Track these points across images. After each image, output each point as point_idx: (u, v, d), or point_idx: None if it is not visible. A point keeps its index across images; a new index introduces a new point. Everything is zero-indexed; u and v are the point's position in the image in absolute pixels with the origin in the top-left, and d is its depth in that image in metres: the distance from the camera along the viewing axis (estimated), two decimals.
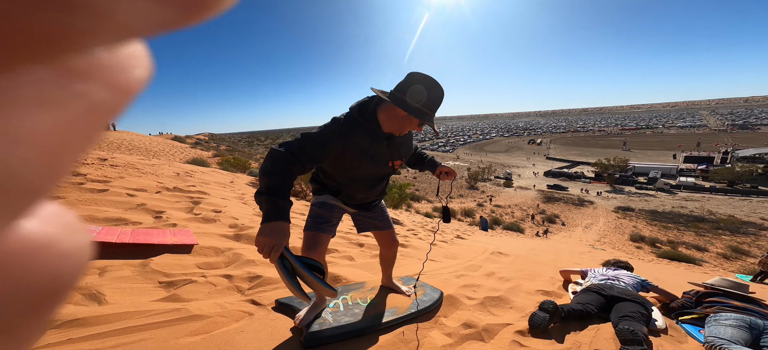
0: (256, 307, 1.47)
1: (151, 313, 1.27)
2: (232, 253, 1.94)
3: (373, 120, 1.06)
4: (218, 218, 2.62)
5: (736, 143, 61.67)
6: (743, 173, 36.06)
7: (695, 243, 16.92)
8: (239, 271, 1.75)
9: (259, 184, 0.90)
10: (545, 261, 3.56)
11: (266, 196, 0.87)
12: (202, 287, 1.55)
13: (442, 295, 1.66)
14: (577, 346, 1.35)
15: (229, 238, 2.26)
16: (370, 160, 1.10)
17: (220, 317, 1.34)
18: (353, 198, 1.25)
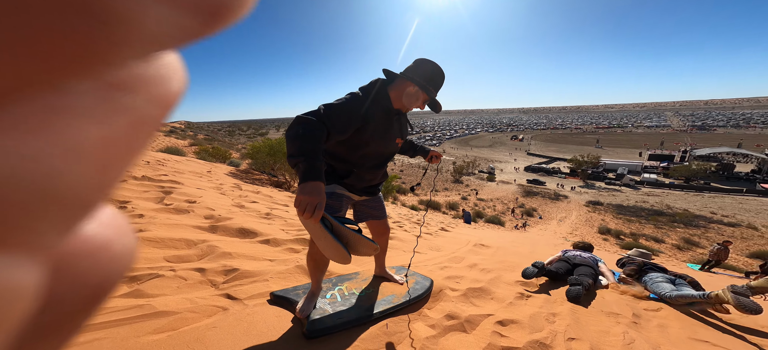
0: (232, 302, 1.40)
1: (109, 310, 1.17)
2: (207, 246, 1.82)
3: (386, 96, 1.15)
4: (192, 209, 2.46)
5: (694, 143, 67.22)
6: (698, 171, 39.44)
7: (654, 235, 18.40)
8: (213, 264, 1.64)
9: (289, 149, 0.90)
10: (524, 252, 3.70)
11: (303, 158, 0.87)
12: (170, 281, 1.44)
13: (433, 283, 1.71)
14: (553, 335, 1.39)
15: (204, 230, 2.13)
16: (384, 135, 1.17)
17: (190, 313, 1.25)
18: (362, 180, 1.25)
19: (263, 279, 1.63)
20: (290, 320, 1.32)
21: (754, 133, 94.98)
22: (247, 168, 8.28)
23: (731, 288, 1.78)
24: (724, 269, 8.95)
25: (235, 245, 1.94)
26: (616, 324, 1.59)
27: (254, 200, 3.59)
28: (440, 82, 1.16)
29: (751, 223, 22.30)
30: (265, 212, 3.00)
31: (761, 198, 31.73)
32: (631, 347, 1.34)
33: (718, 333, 1.70)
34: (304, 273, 1.79)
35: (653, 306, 2.00)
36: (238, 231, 2.18)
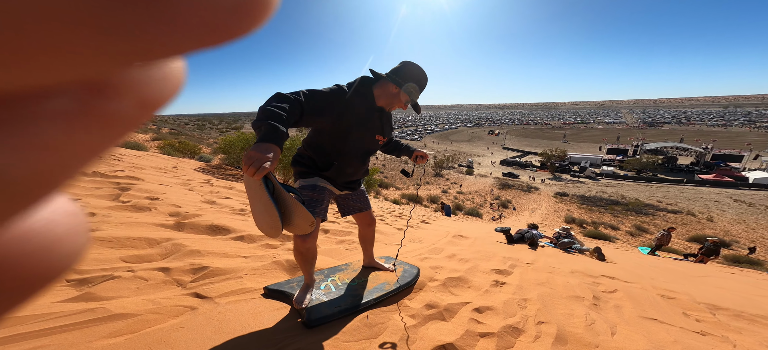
0: (201, 301, 1.31)
1: (55, 316, 1.04)
2: (171, 244, 1.69)
3: (370, 93, 1.20)
4: (154, 206, 2.26)
5: (644, 138, 74.34)
6: (648, 163, 43.77)
7: (611, 223, 20.21)
8: (179, 263, 1.53)
9: (258, 116, 0.89)
10: (498, 241, 3.87)
11: (265, 122, 0.86)
12: (128, 283, 1.32)
13: (419, 271, 1.78)
14: (525, 320, 1.46)
15: (168, 228, 1.97)
16: (365, 129, 1.20)
17: (152, 314, 1.16)
18: (343, 174, 1.28)
19: (237, 277, 1.54)
20: (268, 315, 1.26)
21: (694, 129, 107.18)
22: (219, 163, 7.80)
23: (597, 249, 4.04)
24: (668, 252, 10.07)
25: (205, 243, 1.81)
26: (579, 306, 1.71)
27: (227, 196, 3.39)
28: (423, 84, 1.20)
29: (690, 210, 25.28)
30: (240, 208, 2.84)
31: (699, 187, 36.01)
32: (593, 327, 1.45)
33: (663, 311, 1.90)
34: (281, 268, 1.72)
35: (610, 288, 2.19)
36: (208, 228, 2.04)
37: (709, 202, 28.43)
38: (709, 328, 1.67)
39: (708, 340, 1.48)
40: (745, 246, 15.83)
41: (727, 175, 38.57)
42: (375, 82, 1.21)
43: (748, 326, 1.79)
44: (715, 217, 23.45)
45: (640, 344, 1.31)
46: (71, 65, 0.08)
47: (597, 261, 3.67)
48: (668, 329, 1.55)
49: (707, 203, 28.07)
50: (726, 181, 36.93)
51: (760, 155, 54.73)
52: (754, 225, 21.76)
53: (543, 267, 2.61)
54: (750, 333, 1.66)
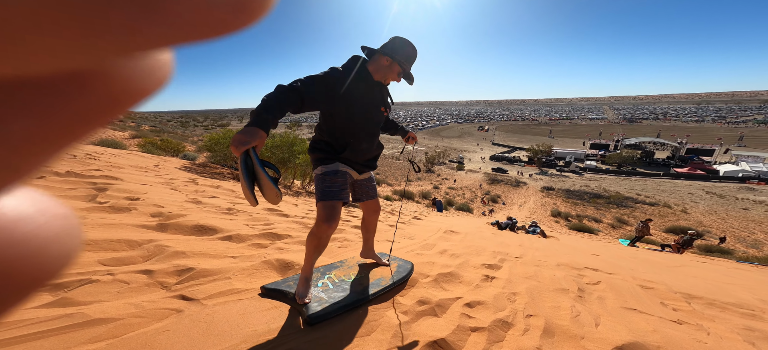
0: (187, 303, 1.27)
1: (28, 322, 0.99)
2: (154, 246, 1.62)
3: (366, 70, 1.26)
4: (134, 206, 2.16)
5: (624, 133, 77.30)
6: (627, 158, 45.62)
7: (594, 216, 21.01)
8: (163, 265, 1.47)
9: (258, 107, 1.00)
10: (488, 236, 3.94)
11: (256, 109, 0.99)
12: (108, 287, 1.26)
13: (413, 266, 1.81)
14: (514, 313, 1.50)
15: (151, 229, 1.89)
16: (369, 104, 1.27)
17: (135, 318, 1.12)
18: (359, 152, 1.33)
19: (225, 278, 1.50)
20: (258, 316, 1.24)
21: (670, 125, 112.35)
22: (204, 161, 7.56)
23: (542, 232, 6.94)
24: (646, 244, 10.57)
25: (190, 243, 1.75)
26: (565, 299, 1.76)
27: (213, 195, 3.29)
28: (412, 55, 1.27)
29: (666, 202, 26.57)
30: (227, 207, 2.77)
31: (674, 180, 37.89)
32: (578, 319, 1.50)
33: (642, 301, 1.98)
34: (271, 268, 1.69)
35: (594, 280, 2.27)
36: (193, 229, 1.98)
37: (684, 194, 29.99)
38: (685, 317, 1.76)
39: (684, 329, 1.56)
40: (717, 236, 16.84)
41: (700, 168, 40.77)
42: (368, 59, 1.28)
43: (720, 314, 1.90)
44: (689, 209, 24.79)
45: (622, 334, 1.36)
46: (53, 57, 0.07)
47: (582, 253, 3.80)
48: (647, 319, 1.63)
49: (682, 195, 29.61)
50: (699, 174, 39.05)
51: (730, 149, 58.10)
52: (724, 215, 23.16)
53: (531, 260, 2.68)
54: (722, 320, 1.76)
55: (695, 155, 49.65)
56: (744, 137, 73.82)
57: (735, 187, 33.66)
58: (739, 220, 21.86)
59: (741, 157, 48.72)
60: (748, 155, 49.89)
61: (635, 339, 1.32)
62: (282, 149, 6.29)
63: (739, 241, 17.20)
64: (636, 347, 1.27)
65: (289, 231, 2.40)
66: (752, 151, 55.36)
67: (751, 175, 36.93)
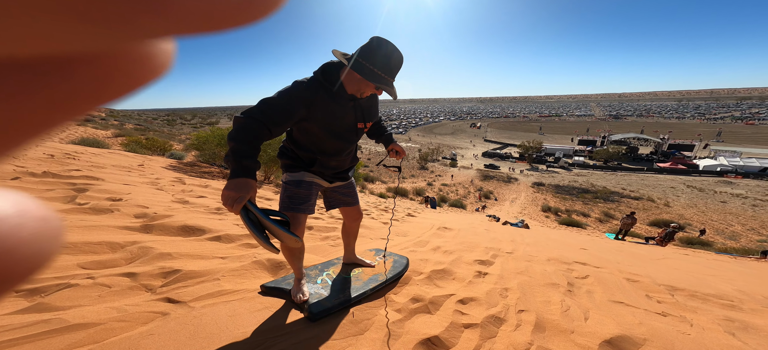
0: (173, 305, 1.23)
1: (2, 329, 0.95)
2: (138, 248, 1.56)
3: (337, 81, 1.06)
4: (116, 207, 2.08)
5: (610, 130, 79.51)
6: (613, 153, 46.98)
7: (582, 210, 21.58)
8: (147, 267, 1.42)
9: (229, 148, 0.93)
10: (481, 232, 3.99)
11: (232, 157, 0.91)
12: (88, 291, 1.21)
13: (408, 261, 1.84)
14: (506, 309, 1.51)
15: (134, 230, 1.82)
16: (339, 122, 1.11)
17: (117, 322, 1.08)
18: (328, 167, 1.23)
19: (213, 279, 1.46)
20: (248, 317, 1.21)
21: (653, 121, 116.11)
22: (192, 160, 7.36)
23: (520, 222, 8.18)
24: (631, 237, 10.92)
25: (177, 245, 1.70)
26: (555, 293, 1.79)
27: (201, 195, 3.20)
28: (393, 68, 1.02)
29: (650, 196, 27.50)
30: (216, 207, 2.70)
31: (657, 175, 39.25)
32: (568, 313, 1.53)
33: (629, 294, 2.04)
34: (262, 268, 1.66)
35: (582, 274, 2.32)
36: (180, 230, 1.91)
37: (666, 188, 31.11)
38: (669, 309, 1.81)
39: (668, 321, 1.61)
40: (697, 228, 17.57)
41: (681, 163, 42.36)
42: (342, 66, 1.07)
43: (702, 305, 1.98)
44: (671, 202, 25.74)
45: (610, 328, 1.39)
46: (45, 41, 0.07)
47: (571, 248, 3.89)
48: (634, 311, 1.67)
49: (664, 189, 30.70)
50: (680, 169, 40.56)
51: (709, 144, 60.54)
52: (704, 208, 24.16)
53: (522, 255, 2.72)
54: (704, 312, 1.82)
55: (677, 150, 51.51)
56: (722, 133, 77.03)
57: (714, 181, 35.15)
58: (717, 213, 22.86)
59: (719, 151, 50.91)
60: (726, 150, 52.18)
61: (623, 332, 1.35)
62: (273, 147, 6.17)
63: (718, 233, 18.00)
64: (623, 340, 1.30)
65: None
66: (729, 146, 57.92)
67: (728, 169, 38.62)
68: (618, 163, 46.07)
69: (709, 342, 1.37)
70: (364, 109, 1.18)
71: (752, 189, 30.59)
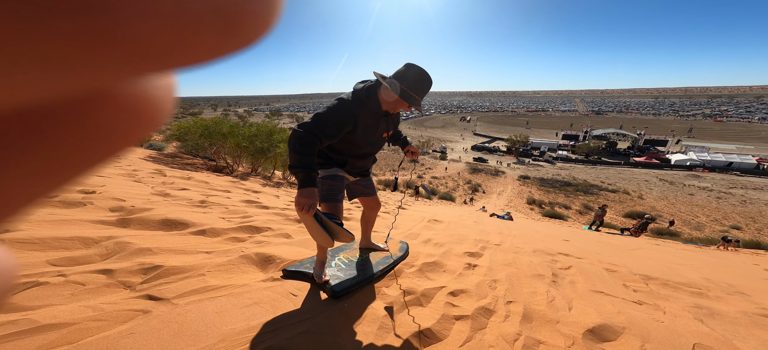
0: (155, 303, 1.18)
1: None
2: (114, 243, 1.47)
3: (376, 100, 1.24)
4: (89, 200, 1.95)
5: (592, 125, 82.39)
6: (594, 148, 48.88)
7: (564, 202, 22.47)
8: (125, 263, 1.34)
9: (291, 160, 1.10)
10: (470, 224, 4.06)
11: (300, 169, 1.07)
12: (59, 289, 1.13)
13: (408, 245, 2.07)
14: (495, 300, 1.54)
15: (110, 225, 1.71)
16: (372, 134, 1.32)
17: (93, 322, 1.02)
18: (356, 167, 1.44)
19: (198, 274, 1.41)
20: (236, 313, 1.17)
21: (631, 117, 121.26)
22: (174, 152, 7.03)
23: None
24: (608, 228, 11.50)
25: (157, 239, 1.62)
26: (541, 284, 1.85)
27: (184, 187, 3.07)
28: (426, 88, 1.21)
29: (626, 189, 28.93)
30: (200, 200, 2.59)
31: (633, 168, 41.26)
32: (553, 304, 1.58)
33: (608, 284, 2.14)
34: (251, 263, 1.62)
35: (565, 265, 2.41)
36: (160, 223, 1.82)
37: (641, 182, 32.82)
38: (644, 297, 1.92)
39: (644, 309, 1.70)
40: (667, 219, 18.73)
41: (655, 158, 44.68)
42: (379, 86, 1.25)
43: (674, 293, 2.10)
44: (645, 195, 27.21)
45: (592, 317, 1.45)
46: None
47: (555, 239, 4.04)
48: (613, 300, 1.76)
49: (639, 183, 32.38)
50: (654, 163, 42.80)
51: (681, 140, 64.06)
52: (674, 200, 25.73)
53: (510, 247, 2.79)
54: (675, 299, 1.94)
55: (651, 145, 54.21)
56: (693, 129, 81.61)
57: (683, 175, 37.39)
58: (685, 205, 24.41)
59: (690, 147, 54.03)
60: (696, 145, 55.47)
61: (603, 321, 1.42)
62: (260, 139, 5.96)
63: (685, 224, 19.27)
64: (604, 329, 1.36)
65: (269, 223, 2.29)
66: (699, 142, 61.57)
67: (697, 164, 41.14)
68: (598, 157, 48.03)
69: (681, 328, 1.46)
70: (389, 121, 1.38)
71: (717, 183, 32.81)
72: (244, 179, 4.83)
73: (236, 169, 5.99)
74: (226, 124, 6.39)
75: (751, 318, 1.74)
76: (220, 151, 6.28)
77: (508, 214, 9.32)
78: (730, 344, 1.36)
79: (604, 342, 1.29)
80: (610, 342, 1.29)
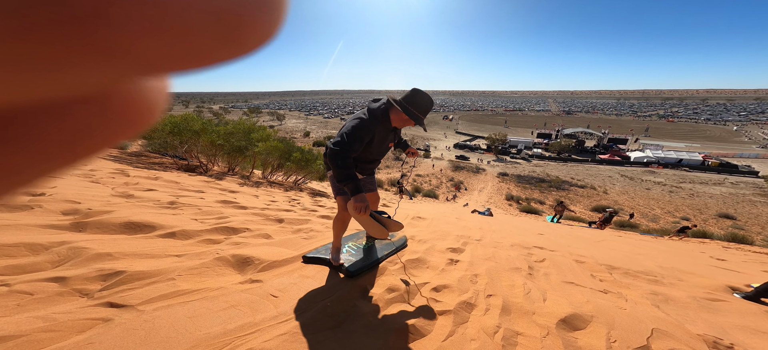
0: (117, 310, 1.09)
1: None
2: (68, 249, 1.33)
3: (388, 118, 1.48)
4: (37, 203, 1.75)
5: (563, 124, 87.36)
6: (565, 146, 51.92)
7: (539, 198, 23.68)
8: (81, 270, 1.22)
9: (338, 175, 1.32)
10: (452, 221, 4.15)
11: (350, 181, 1.31)
12: (3, 299, 1.02)
13: (406, 237, 2.36)
14: (476, 295, 1.59)
15: (62, 229, 1.55)
16: (382, 145, 1.56)
17: (45, 333, 0.92)
18: (365, 170, 1.68)
19: (168, 279, 1.31)
20: (211, 317, 1.10)
21: (597, 117, 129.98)
22: (139, 150, 6.52)
23: None
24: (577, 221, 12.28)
25: (119, 243, 1.49)
26: (518, 277, 1.93)
27: (150, 188, 2.85)
28: (429, 109, 1.46)
29: (592, 185, 31.04)
30: (169, 201, 2.42)
31: (598, 165, 44.36)
32: (529, 296, 1.65)
33: (578, 275, 2.28)
34: (227, 265, 1.55)
35: (540, 258, 2.53)
36: (122, 227, 1.68)
37: (605, 178, 35.36)
38: (609, 286, 2.07)
39: (609, 297, 1.83)
40: (627, 212, 20.36)
41: (617, 155, 48.34)
42: (391, 106, 1.48)
43: (634, 281, 2.28)
44: (609, 190, 29.36)
45: (564, 307, 1.54)
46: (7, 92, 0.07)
47: (531, 233, 4.25)
48: (582, 290, 1.87)
49: (603, 178, 34.87)
50: (616, 160, 46.29)
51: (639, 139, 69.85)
52: (633, 195, 28.00)
53: (489, 242, 2.89)
54: (635, 287, 2.11)
55: (614, 144, 58.52)
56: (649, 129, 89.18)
57: (641, 171, 40.78)
58: (643, 199, 26.67)
59: (646, 145, 59.08)
60: (651, 143, 60.79)
61: (574, 310, 1.50)
62: (237, 137, 5.66)
63: (643, 216, 21.05)
64: (575, 318, 1.44)
65: (247, 224, 2.20)
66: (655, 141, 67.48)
67: (653, 161, 45.05)
68: (569, 154, 51.11)
69: (641, 314, 1.59)
70: (396, 135, 1.66)
71: (670, 178, 36.17)
72: (219, 179, 4.59)
73: (211, 168, 5.66)
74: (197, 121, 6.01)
75: (699, 302, 1.93)
76: (193, 150, 5.90)
77: (488, 210, 9.65)
78: (683, 327, 1.49)
79: (576, 331, 1.37)
80: (580, 331, 1.37)
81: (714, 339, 1.41)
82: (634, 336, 1.35)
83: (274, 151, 5.94)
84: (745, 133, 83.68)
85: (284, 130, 69.42)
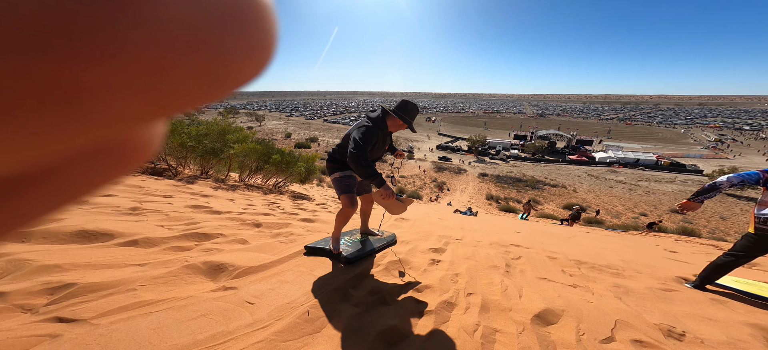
0: (67, 325, 0.98)
1: None
2: (7, 261, 1.18)
3: (385, 124, 1.74)
4: None
5: (537, 126, 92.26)
6: (539, 147, 54.84)
7: (516, 197, 24.77)
8: (23, 284, 1.08)
9: (362, 173, 1.58)
10: (435, 221, 4.21)
11: (375, 176, 1.59)
12: None
13: (395, 234, 2.55)
14: (457, 294, 1.61)
15: None
16: (380, 147, 1.78)
17: None
18: None
19: (128, 289, 1.20)
20: (179, 328, 1.02)
21: (566, 120, 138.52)
22: None
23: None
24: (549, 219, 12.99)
25: (69, 254, 1.34)
26: (496, 275, 1.99)
27: (109, 192, 2.61)
28: (416, 115, 1.78)
29: (563, 184, 33.01)
30: (131, 207, 2.23)
31: (568, 165, 47.27)
32: (506, 293, 1.71)
33: (550, 271, 2.39)
34: (197, 272, 1.45)
35: (516, 255, 2.63)
36: (74, 235, 1.52)
37: (574, 177, 37.75)
38: (578, 281, 2.19)
39: (578, 291, 1.94)
40: (594, 209, 21.87)
41: (584, 156, 51.82)
42: (388, 114, 1.75)
43: (599, 275, 2.44)
44: (578, 188, 31.38)
45: (537, 303, 1.60)
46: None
47: (508, 231, 4.41)
48: (554, 286, 1.97)
49: (573, 178, 37.20)
50: (583, 160, 49.61)
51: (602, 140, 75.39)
52: (599, 193, 30.14)
53: (470, 241, 2.96)
54: (600, 281, 2.25)
55: (581, 145, 62.66)
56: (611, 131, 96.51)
57: (604, 170, 44.02)
58: (607, 196, 28.79)
59: (609, 146, 63.92)
60: (613, 145, 65.91)
61: (547, 305, 1.57)
62: (211, 138, 5.29)
63: (607, 213, 22.71)
64: (548, 313, 1.51)
65: (220, 229, 2.08)
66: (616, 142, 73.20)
67: (614, 161, 48.81)
68: (542, 155, 53.97)
69: (606, 307, 1.70)
70: (389, 138, 1.88)
71: (629, 176, 39.35)
72: (190, 182, 4.31)
73: (181, 171, 5.30)
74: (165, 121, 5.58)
75: (655, 292, 2.10)
76: (159, 152, 5.48)
77: (470, 210, 10.09)
78: (641, 318, 1.61)
79: (548, 326, 1.44)
80: (552, 325, 1.44)
81: (668, 327, 1.53)
82: (600, 328, 1.44)
83: (251, 152, 5.67)
84: (691, 135, 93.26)
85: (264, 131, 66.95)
